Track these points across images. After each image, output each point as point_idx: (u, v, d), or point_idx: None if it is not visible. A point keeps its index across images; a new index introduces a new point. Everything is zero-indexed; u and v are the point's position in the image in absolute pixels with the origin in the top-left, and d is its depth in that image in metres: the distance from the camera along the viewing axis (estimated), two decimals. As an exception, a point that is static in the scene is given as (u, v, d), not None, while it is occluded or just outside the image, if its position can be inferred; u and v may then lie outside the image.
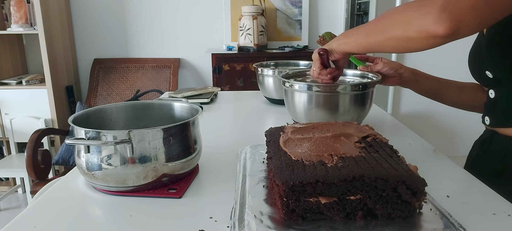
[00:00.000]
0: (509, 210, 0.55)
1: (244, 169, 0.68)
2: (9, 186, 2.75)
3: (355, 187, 0.50)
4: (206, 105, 1.32)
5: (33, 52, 2.85)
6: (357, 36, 0.78)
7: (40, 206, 0.61)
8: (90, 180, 0.63)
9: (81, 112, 0.70)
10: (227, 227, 0.52)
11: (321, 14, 2.82)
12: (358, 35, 0.77)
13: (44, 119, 2.57)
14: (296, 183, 0.49)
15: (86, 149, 0.60)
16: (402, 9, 0.66)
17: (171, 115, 0.78)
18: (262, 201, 0.55)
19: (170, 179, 0.64)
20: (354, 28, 0.80)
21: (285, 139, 0.64)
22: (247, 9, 2.54)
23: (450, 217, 0.50)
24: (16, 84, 2.57)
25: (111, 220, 0.57)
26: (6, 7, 2.62)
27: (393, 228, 0.49)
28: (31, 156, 1.97)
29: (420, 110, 2.91)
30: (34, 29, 2.52)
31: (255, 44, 2.55)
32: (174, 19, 2.82)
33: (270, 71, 1.27)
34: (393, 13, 0.68)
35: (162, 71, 2.81)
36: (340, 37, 0.83)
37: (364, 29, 0.76)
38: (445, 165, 0.74)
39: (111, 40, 2.86)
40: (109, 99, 2.76)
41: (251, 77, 2.53)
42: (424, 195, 0.50)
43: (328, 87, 0.88)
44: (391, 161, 0.54)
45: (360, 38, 0.76)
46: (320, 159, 0.55)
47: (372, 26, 0.74)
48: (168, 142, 0.62)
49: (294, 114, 0.97)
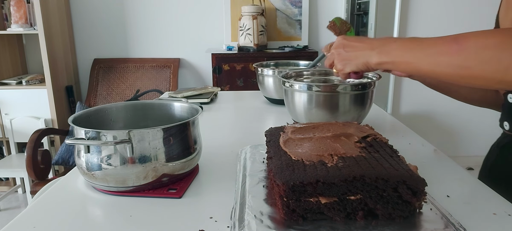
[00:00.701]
0: (509, 210, 0.55)
1: (244, 169, 0.68)
2: (9, 186, 2.75)
3: (356, 187, 0.50)
4: (206, 105, 1.32)
5: (33, 52, 2.85)
6: (421, 61, 0.58)
7: (40, 206, 0.60)
8: (90, 180, 0.63)
9: (81, 112, 0.70)
10: (227, 227, 0.52)
11: (321, 14, 2.82)
12: (421, 59, 0.58)
13: (44, 119, 2.57)
14: (296, 183, 0.49)
15: (86, 149, 0.60)
16: (496, 44, 0.51)
17: (171, 115, 0.78)
18: (262, 201, 0.55)
19: (170, 179, 0.64)
20: (412, 42, 0.60)
21: (285, 139, 0.64)
22: (247, 9, 2.54)
23: (450, 217, 0.50)
24: (16, 84, 2.57)
25: (111, 220, 0.56)
26: (6, 7, 2.62)
27: (394, 228, 0.49)
28: (31, 156, 1.97)
29: (420, 110, 2.91)
30: (34, 29, 2.52)
31: (255, 44, 2.55)
32: (174, 19, 2.82)
33: (270, 71, 1.27)
34: (480, 46, 0.52)
35: (162, 71, 2.81)
36: (394, 51, 0.61)
37: (434, 52, 0.56)
38: (445, 165, 0.74)
39: (111, 40, 2.86)
40: (109, 99, 2.76)
41: (251, 77, 2.53)
42: (424, 195, 0.50)
43: (328, 87, 0.88)
44: (391, 161, 0.54)
45: (424, 65, 0.58)
46: (321, 159, 0.55)
47: (446, 52, 0.55)
48: (168, 142, 0.62)
49: (294, 114, 0.97)
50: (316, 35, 2.85)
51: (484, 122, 2.85)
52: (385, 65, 0.63)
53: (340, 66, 0.70)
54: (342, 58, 0.69)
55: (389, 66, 0.63)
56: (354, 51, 0.67)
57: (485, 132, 2.90)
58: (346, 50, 0.69)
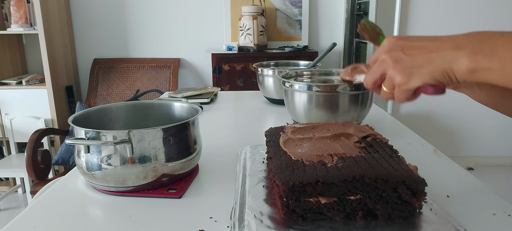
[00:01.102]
0: (509, 210, 0.55)
1: (244, 169, 0.68)
2: (9, 186, 2.75)
3: (355, 187, 0.50)
4: (206, 105, 1.32)
5: (33, 52, 2.85)
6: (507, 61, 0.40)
7: (40, 206, 0.60)
8: (90, 180, 0.63)
9: (81, 112, 0.70)
10: (227, 227, 0.52)
11: (321, 14, 2.82)
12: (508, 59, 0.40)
13: (44, 119, 2.57)
14: (296, 183, 0.49)
15: (86, 149, 0.60)
16: None
17: (171, 115, 0.78)
18: (262, 201, 0.55)
19: (170, 179, 0.64)
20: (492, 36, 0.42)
21: (285, 139, 0.64)
22: (247, 9, 2.54)
23: (450, 217, 0.50)
24: (16, 84, 2.57)
25: (111, 220, 0.57)
26: (6, 7, 2.62)
27: (393, 228, 0.49)
28: (31, 156, 1.97)
29: (420, 111, 2.91)
30: (34, 29, 2.52)
31: (255, 44, 2.55)
32: (174, 19, 2.82)
33: (270, 71, 1.27)
34: None
35: (162, 71, 2.81)
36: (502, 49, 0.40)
37: None
38: (445, 165, 0.74)
39: (111, 40, 2.86)
40: (109, 99, 2.76)
41: (251, 77, 2.53)
42: (424, 195, 0.50)
43: (328, 87, 0.88)
44: (391, 161, 0.54)
45: None
46: (320, 159, 0.55)
47: None
48: (168, 142, 0.62)
49: (294, 114, 0.97)
50: (316, 35, 2.85)
51: (484, 122, 2.85)
52: (482, 74, 0.41)
53: (401, 79, 0.46)
54: (404, 65, 0.46)
55: (489, 75, 0.41)
56: (423, 54, 0.45)
57: (485, 132, 2.90)
58: (409, 53, 0.46)
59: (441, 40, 0.45)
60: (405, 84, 0.46)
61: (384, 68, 0.48)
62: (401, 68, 0.46)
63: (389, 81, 0.48)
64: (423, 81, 0.45)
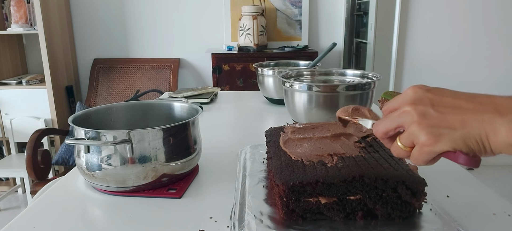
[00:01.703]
0: (509, 210, 0.55)
1: (244, 169, 0.68)
2: (9, 186, 2.75)
3: (355, 187, 0.50)
4: (206, 105, 1.32)
5: (33, 52, 2.85)
6: None
7: (40, 206, 0.60)
8: (90, 180, 0.63)
9: (81, 112, 0.70)
10: (227, 227, 0.52)
11: (321, 14, 2.82)
12: None
13: (44, 119, 2.57)
14: (296, 183, 0.49)
15: (86, 149, 0.60)
16: None
17: (171, 115, 0.78)
18: (262, 201, 0.55)
19: (170, 179, 0.64)
20: None
21: (285, 139, 0.64)
22: (247, 9, 2.54)
23: (450, 217, 0.50)
24: (16, 84, 2.57)
25: (111, 220, 0.57)
26: (6, 7, 2.62)
27: (393, 228, 0.49)
28: (31, 156, 1.97)
29: (420, 111, 2.90)
30: (34, 29, 2.52)
31: (255, 44, 2.55)
32: (174, 19, 2.82)
33: (270, 71, 1.27)
34: None
35: (162, 71, 2.81)
36: None
37: None
38: (445, 165, 0.74)
39: (111, 40, 2.86)
40: (109, 99, 2.76)
41: (251, 77, 2.53)
42: (424, 195, 0.50)
43: (328, 88, 0.88)
44: (391, 161, 0.54)
45: None
46: (320, 159, 0.55)
47: None
48: (168, 142, 0.62)
49: (294, 114, 0.97)
50: (316, 35, 2.85)
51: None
52: None
53: (427, 139, 0.39)
54: (432, 123, 0.39)
55: None
56: (458, 114, 0.38)
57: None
58: (440, 111, 0.39)
59: (479, 100, 0.38)
60: (430, 146, 0.39)
61: (404, 121, 0.41)
62: (428, 125, 0.39)
63: (408, 137, 0.40)
64: (452, 147, 0.38)
